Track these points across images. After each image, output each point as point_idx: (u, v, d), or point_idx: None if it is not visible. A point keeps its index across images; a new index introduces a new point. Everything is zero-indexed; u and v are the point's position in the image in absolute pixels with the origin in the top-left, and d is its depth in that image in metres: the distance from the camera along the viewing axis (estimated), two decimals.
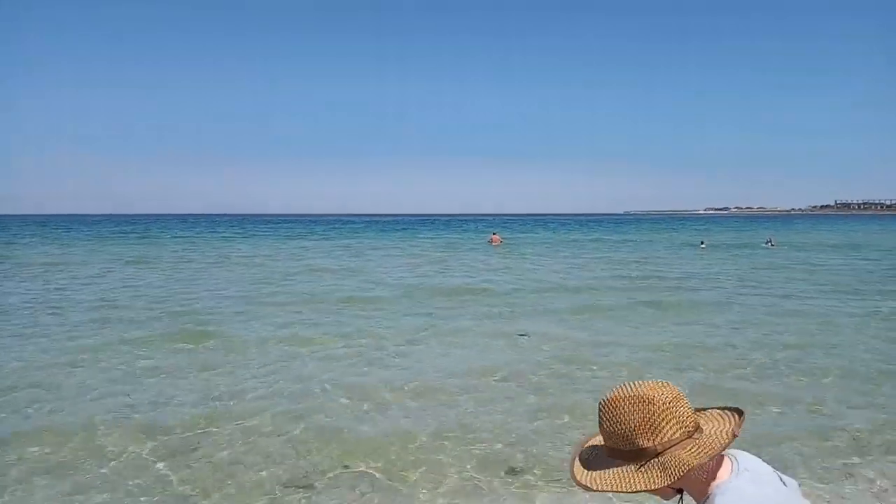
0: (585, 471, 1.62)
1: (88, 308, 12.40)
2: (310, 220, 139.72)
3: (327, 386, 7.06)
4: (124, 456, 5.10)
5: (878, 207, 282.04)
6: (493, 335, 9.84)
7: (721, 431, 1.55)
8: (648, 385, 1.56)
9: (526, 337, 9.62)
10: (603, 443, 1.65)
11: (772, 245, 33.88)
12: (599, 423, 1.62)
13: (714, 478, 1.54)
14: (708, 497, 1.52)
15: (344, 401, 6.54)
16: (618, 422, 1.56)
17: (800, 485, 1.64)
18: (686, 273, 19.91)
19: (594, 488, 1.57)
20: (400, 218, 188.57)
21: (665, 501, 1.64)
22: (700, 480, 1.54)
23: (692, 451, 1.50)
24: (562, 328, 10.36)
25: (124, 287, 16.00)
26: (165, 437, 5.49)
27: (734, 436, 1.52)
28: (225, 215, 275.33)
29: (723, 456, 1.58)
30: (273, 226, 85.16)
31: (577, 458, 1.67)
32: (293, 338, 9.58)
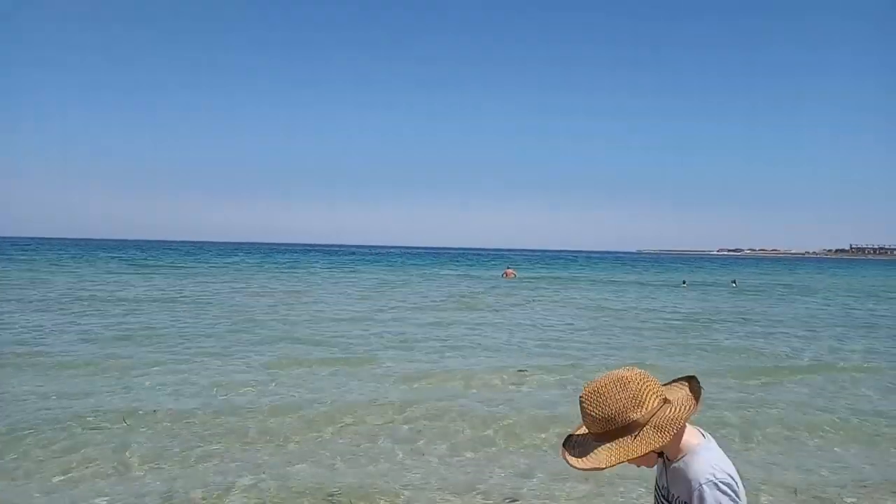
0: (581, 458, 1.77)
1: None
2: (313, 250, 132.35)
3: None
4: None
5: (893, 252, 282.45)
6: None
7: (686, 394, 1.84)
8: (619, 371, 1.81)
9: None
10: (587, 432, 1.83)
11: (735, 285, 39.16)
12: (585, 413, 1.79)
13: (682, 439, 1.80)
14: (685, 454, 1.78)
15: None
16: (606, 405, 1.75)
17: None
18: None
19: (602, 466, 1.71)
20: (433, 250, 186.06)
21: (646, 469, 1.85)
22: (677, 441, 1.79)
23: (677, 411, 1.74)
24: None
25: None
26: None
27: (699, 394, 1.82)
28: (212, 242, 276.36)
29: (691, 426, 1.84)
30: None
31: (566, 454, 1.83)
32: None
